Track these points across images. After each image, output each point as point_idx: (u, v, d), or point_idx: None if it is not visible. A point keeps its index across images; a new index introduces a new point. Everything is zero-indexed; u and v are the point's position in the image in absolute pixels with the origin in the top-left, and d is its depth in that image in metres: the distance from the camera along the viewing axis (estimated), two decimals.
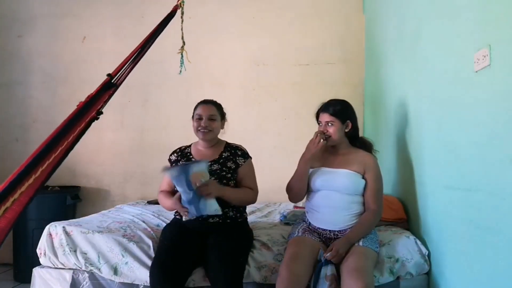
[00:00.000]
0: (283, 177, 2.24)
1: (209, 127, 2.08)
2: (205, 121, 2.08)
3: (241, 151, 2.17)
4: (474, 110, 1.52)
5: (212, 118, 2.10)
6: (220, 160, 2.12)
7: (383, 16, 2.97)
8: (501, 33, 1.33)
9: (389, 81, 2.75)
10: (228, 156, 2.13)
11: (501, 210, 1.33)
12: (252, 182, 2.15)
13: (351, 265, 1.72)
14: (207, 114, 2.09)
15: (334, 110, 2.01)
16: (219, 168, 2.09)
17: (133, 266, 1.97)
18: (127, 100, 3.72)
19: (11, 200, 1.19)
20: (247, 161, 2.15)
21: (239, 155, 2.14)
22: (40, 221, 2.95)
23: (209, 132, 2.09)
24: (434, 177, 1.93)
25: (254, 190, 2.14)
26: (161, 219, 2.45)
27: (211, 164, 2.09)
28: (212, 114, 2.10)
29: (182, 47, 2.36)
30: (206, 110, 2.10)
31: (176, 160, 2.17)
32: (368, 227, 1.92)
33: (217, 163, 2.10)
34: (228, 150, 2.16)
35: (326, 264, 1.77)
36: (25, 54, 3.81)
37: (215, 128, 2.12)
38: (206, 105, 2.13)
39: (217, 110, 2.14)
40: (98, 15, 3.80)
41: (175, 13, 2.20)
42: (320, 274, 1.75)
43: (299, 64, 3.63)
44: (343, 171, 1.99)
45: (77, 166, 3.71)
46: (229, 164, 2.10)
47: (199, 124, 2.09)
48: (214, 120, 2.11)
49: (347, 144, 2.09)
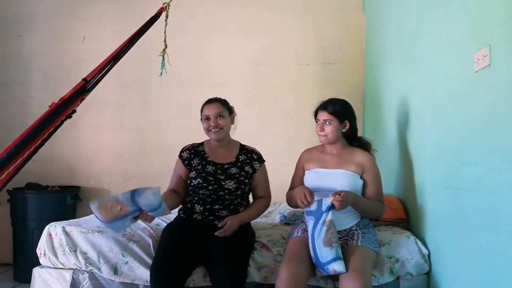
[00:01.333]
0: (283, 177, 2.24)
1: (218, 125, 2.06)
2: (213, 120, 2.05)
3: (257, 155, 2.17)
4: (474, 110, 1.51)
5: (220, 115, 2.07)
6: (238, 163, 2.11)
7: (383, 16, 2.97)
8: (501, 33, 1.33)
9: (389, 81, 2.75)
10: (245, 159, 2.13)
11: (501, 210, 1.33)
12: (266, 189, 2.17)
13: (349, 265, 1.72)
14: (214, 112, 2.06)
15: (333, 109, 2.00)
16: (237, 172, 2.08)
17: (133, 266, 1.97)
18: (127, 100, 3.72)
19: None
20: (262, 165, 2.16)
21: (255, 159, 2.15)
22: (40, 221, 2.96)
23: (220, 130, 2.07)
24: (434, 177, 1.93)
25: (267, 199, 2.17)
26: (161, 218, 2.45)
27: (229, 166, 2.08)
28: (219, 112, 2.07)
29: (164, 49, 2.35)
30: (212, 109, 2.07)
31: (188, 158, 2.13)
32: (373, 205, 1.95)
33: (235, 166, 2.09)
34: (244, 153, 2.15)
35: (327, 211, 1.74)
36: (25, 54, 3.80)
37: (225, 125, 2.09)
38: (211, 104, 2.10)
39: (223, 106, 2.10)
40: (98, 15, 3.79)
41: (159, 16, 2.17)
42: (320, 220, 1.74)
43: (299, 64, 3.63)
44: (340, 171, 1.98)
45: (77, 166, 3.71)
46: (246, 169, 2.11)
47: (209, 125, 2.06)
48: (223, 117, 2.08)
49: (344, 144, 2.07)
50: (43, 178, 3.44)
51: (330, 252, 1.70)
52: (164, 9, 2.20)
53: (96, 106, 3.59)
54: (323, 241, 1.72)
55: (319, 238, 1.74)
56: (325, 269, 1.72)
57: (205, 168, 2.09)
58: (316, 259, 1.75)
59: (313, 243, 1.76)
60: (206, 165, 2.10)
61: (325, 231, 1.73)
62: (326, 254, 1.71)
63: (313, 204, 1.79)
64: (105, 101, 3.67)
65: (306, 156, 2.12)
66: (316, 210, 1.77)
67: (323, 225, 1.74)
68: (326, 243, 1.72)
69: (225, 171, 2.08)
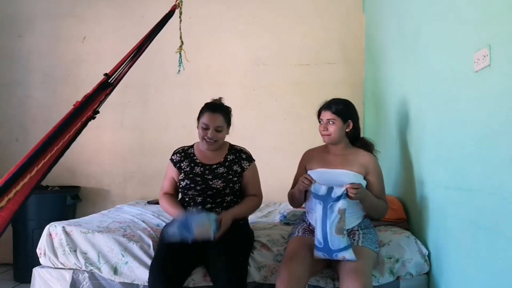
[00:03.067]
0: (283, 177, 2.24)
1: (214, 138, 2.04)
2: (211, 132, 2.02)
3: (246, 154, 2.17)
4: (474, 110, 1.51)
5: (219, 129, 2.04)
6: (226, 163, 2.11)
7: (383, 16, 2.97)
8: (501, 33, 1.33)
9: (389, 81, 2.75)
10: (233, 159, 2.13)
11: (501, 210, 1.33)
12: (256, 187, 2.17)
13: (349, 265, 1.72)
14: (214, 125, 2.02)
15: (336, 109, 2.00)
16: (225, 171, 2.08)
17: (133, 266, 1.97)
18: (127, 100, 3.72)
19: (6, 199, 1.19)
20: (251, 164, 2.15)
21: (243, 158, 2.15)
22: (40, 221, 2.96)
23: (214, 143, 2.06)
24: (434, 177, 1.93)
25: (258, 197, 2.16)
26: (161, 219, 2.45)
27: (216, 166, 2.09)
28: (219, 126, 2.03)
29: (181, 46, 2.35)
30: (213, 121, 2.02)
31: (179, 161, 2.15)
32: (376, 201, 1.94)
33: (223, 166, 2.10)
34: (232, 153, 2.15)
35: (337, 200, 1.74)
36: (25, 54, 3.80)
37: (221, 138, 2.08)
38: (213, 114, 2.03)
39: (224, 119, 2.06)
40: (98, 15, 3.80)
41: (173, 13, 2.19)
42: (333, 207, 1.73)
43: (299, 64, 3.63)
44: (342, 171, 1.98)
45: (77, 166, 3.71)
46: (235, 168, 2.11)
47: (205, 134, 2.04)
48: (221, 131, 2.05)
49: (347, 144, 2.07)
50: None
51: (342, 241, 1.73)
52: (177, 6, 2.21)
53: None
54: (336, 228, 1.73)
55: (333, 225, 1.73)
56: (334, 255, 1.73)
57: (193, 170, 2.09)
58: (325, 244, 1.74)
59: (324, 228, 1.75)
60: (195, 166, 2.10)
61: (338, 218, 1.73)
62: (338, 242, 1.72)
63: (321, 187, 1.78)
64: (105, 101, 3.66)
65: (309, 156, 2.12)
66: (325, 196, 1.77)
67: (338, 213, 1.74)
68: (339, 231, 1.73)
69: (213, 171, 2.08)
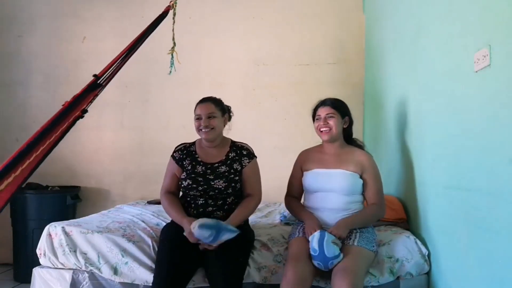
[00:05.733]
0: (283, 177, 2.23)
1: (209, 125, 2.05)
2: (204, 120, 2.05)
3: (247, 151, 2.14)
4: (474, 110, 1.51)
5: (211, 116, 2.06)
6: (227, 161, 2.09)
7: (383, 16, 2.97)
8: (501, 33, 1.33)
9: (389, 81, 2.75)
10: (234, 156, 2.11)
11: (501, 210, 1.33)
12: (254, 186, 2.10)
13: (340, 264, 1.72)
14: (205, 112, 2.06)
15: (334, 104, 2.03)
16: (227, 170, 2.07)
17: (133, 266, 1.97)
18: (127, 100, 3.72)
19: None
20: (251, 161, 2.11)
21: (244, 155, 2.12)
22: (40, 221, 2.95)
23: (210, 130, 2.06)
24: (434, 177, 1.93)
25: (255, 196, 2.08)
26: (161, 218, 2.45)
27: (218, 165, 2.08)
28: (211, 112, 2.07)
29: (173, 47, 2.35)
30: (204, 109, 2.07)
31: (180, 159, 2.13)
32: (371, 216, 1.95)
33: (225, 164, 2.08)
34: (234, 150, 2.13)
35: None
36: (25, 54, 3.80)
37: (216, 126, 2.07)
38: (203, 103, 2.10)
39: (215, 107, 2.09)
40: (98, 15, 3.80)
41: (167, 14, 2.18)
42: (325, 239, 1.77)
43: (299, 64, 3.63)
44: (339, 171, 1.98)
45: (77, 166, 3.71)
46: (235, 166, 2.08)
47: (200, 124, 2.07)
48: (214, 117, 2.07)
49: (342, 143, 2.08)
50: (43, 178, 3.44)
51: (336, 248, 1.77)
52: (171, 7, 2.21)
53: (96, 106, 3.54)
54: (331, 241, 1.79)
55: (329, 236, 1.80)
56: (329, 264, 1.75)
57: (194, 169, 2.08)
58: (320, 251, 1.75)
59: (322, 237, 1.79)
60: (196, 165, 2.09)
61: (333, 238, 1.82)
62: (333, 249, 1.76)
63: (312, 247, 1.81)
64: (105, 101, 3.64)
65: (304, 157, 2.12)
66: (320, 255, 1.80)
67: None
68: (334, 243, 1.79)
69: (215, 170, 2.07)
